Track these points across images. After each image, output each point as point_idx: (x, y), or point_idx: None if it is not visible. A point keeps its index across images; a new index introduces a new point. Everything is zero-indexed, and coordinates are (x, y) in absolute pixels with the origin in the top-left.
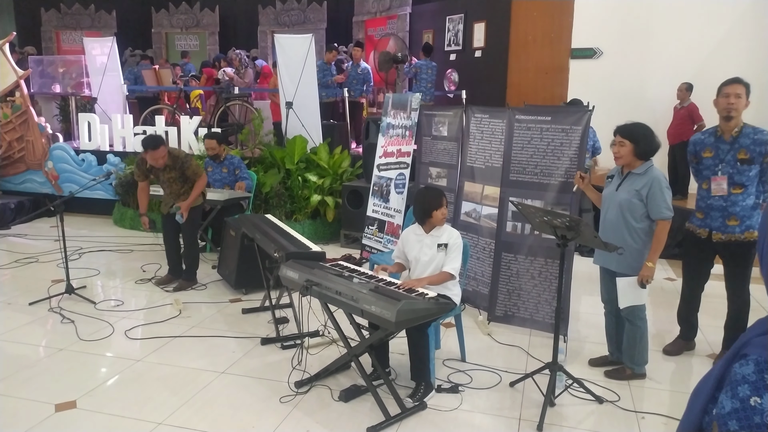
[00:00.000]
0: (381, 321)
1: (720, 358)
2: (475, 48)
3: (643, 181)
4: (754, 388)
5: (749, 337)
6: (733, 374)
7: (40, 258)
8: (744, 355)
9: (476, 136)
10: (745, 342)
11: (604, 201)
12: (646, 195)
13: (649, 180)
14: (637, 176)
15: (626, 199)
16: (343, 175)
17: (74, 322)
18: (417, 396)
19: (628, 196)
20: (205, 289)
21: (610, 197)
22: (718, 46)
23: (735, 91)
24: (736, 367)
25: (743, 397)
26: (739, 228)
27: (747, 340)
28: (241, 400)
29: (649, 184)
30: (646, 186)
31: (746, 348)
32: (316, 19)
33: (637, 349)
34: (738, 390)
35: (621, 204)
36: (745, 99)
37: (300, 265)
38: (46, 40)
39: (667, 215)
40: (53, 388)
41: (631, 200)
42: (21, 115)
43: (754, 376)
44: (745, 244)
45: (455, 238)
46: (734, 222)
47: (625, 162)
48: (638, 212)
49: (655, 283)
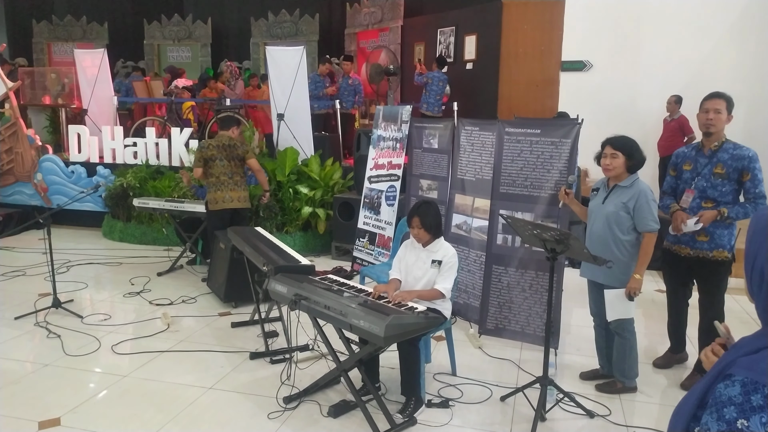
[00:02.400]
0: (370, 336)
1: (690, 378)
2: (466, 60)
3: (629, 194)
4: (740, 410)
5: (734, 356)
6: (717, 395)
7: (28, 271)
8: (729, 375)
9: (466, 148)
10: (730, 362)
11: (591, 214)
12: (633, 207)
13: (636, 193)
14: (623, 189)
15: (613, 212)
16: (335, 187)
17: (60, 336)
18: (407, 411)
19: (615, 209)
20: (195, 302)
21: (597, 210)
22: (708, 59)
23: (714, 106)
24: (720, 388)
25: (730, 420)
26: (708, 245)
27: (732, 359)
28: (229, 416)
29: (635, 196)
30: (633, 198)
31: (731, 368)
32: (308, 31)
33: (627, 362)
34: (724, 412)
35: (608, 217)
36: (725, 114)
37: (288, 278)
38: (37, 51)
39: (654, 227)
40: (37, 405)
41: (618, 213)
42: (10, 126)
43: (741, 397)
44: (713, 263)
45: (450, 256)
46: (703, 238)
47: (616, 174)
48: (625, 225)
49: (645, 295)
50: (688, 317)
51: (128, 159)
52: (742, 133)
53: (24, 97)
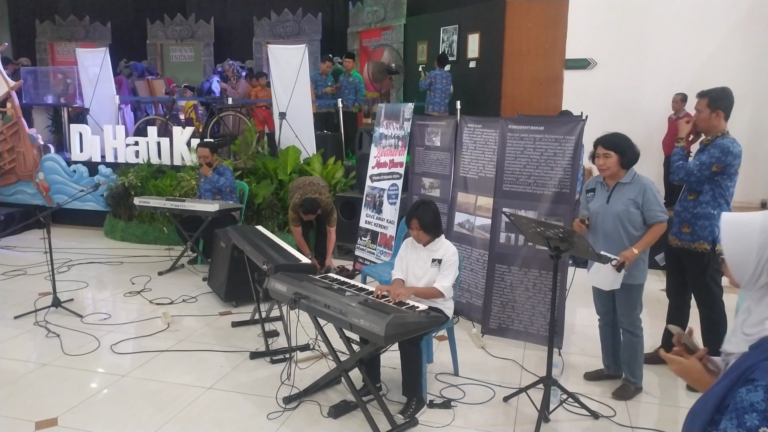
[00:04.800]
0: (370, 335)
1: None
2: (469, 59)
3: (635, 189)
4: (763, 417)
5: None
6: (739, 400)
7: (28, 270)
8: (752, 379)
9: (469, 146)
10: (752, 365)
11: (595, 215)
12: (641, 202)
13: (641, 187)
14: (626, 185)
15: (624, 210)
16: (337, 185)
17: (60, 336)
18: (408, 412)
19: (624, 206)
20: (195, 301)
21: (603, 210)
22: (713, 57)
23: (696, 106)
24: (742, 393)
25: (751, 427)
26: (689, 236)
27: (755, 362)
28: (228, 417)
29: (642, 191)
30: (640, 193)
31: (754, 372)
32: (311, 30)
33: (637, 361)
34: (745, 419)
35: (619, 215)
36: (707, 111)
37: (288, 277)
38: (40, 51)
39: (663, 218)
40: (35, 405)
41: (628, 210)
42: (12, 126)
43: (764, 404)
44: (695, 254)
45: (450, 255)
46: (686, 229)
47: (611, 173)
48: (637, 221)
49: (650, 294)
50: (689, 319)
51: (130, 158)
52: (748, 130)
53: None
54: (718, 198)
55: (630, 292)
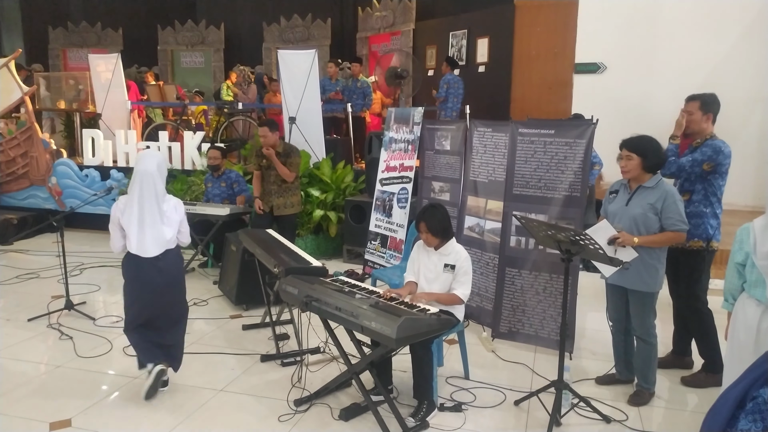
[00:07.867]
0: (381, 337)
1: (694, 375)
2: (478, 63)
3: (656, 194)
4: None
5: None
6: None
7: (42, 274)
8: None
9: (479, 150)
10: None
11: (612, 216)
12: (660, 209)
13: (663, 193)
14: (648, 190)
15: (641, 214)
16: (346, 189)
17: (72, 338)
18: (419, 415)
19: (642, 210)
20: (206, 305)
21: (621, 212)
22: (723, 61)
23: (687, 109)
24: (764, 393)
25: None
26: None
27: None
28: (239, 419)
29: (663, 197)
30: (660, 199)
31: None
32: (320, 35)
33: (651, 368)
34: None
35: (636, 219)
36: (699, 114)
37: (299, 280)
38: (53, 57)
39: (682, 228)
40: (49, 406)
41: (646, 214)
42: (26, 131)
43: None
44: (690, 252)
45: (463, 260)
46: None
47: (633, 176)
48: (654, 226)
49: (662, 299)
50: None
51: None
52: (758, 133)
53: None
54: (710, 197)
55: (644, 299)
